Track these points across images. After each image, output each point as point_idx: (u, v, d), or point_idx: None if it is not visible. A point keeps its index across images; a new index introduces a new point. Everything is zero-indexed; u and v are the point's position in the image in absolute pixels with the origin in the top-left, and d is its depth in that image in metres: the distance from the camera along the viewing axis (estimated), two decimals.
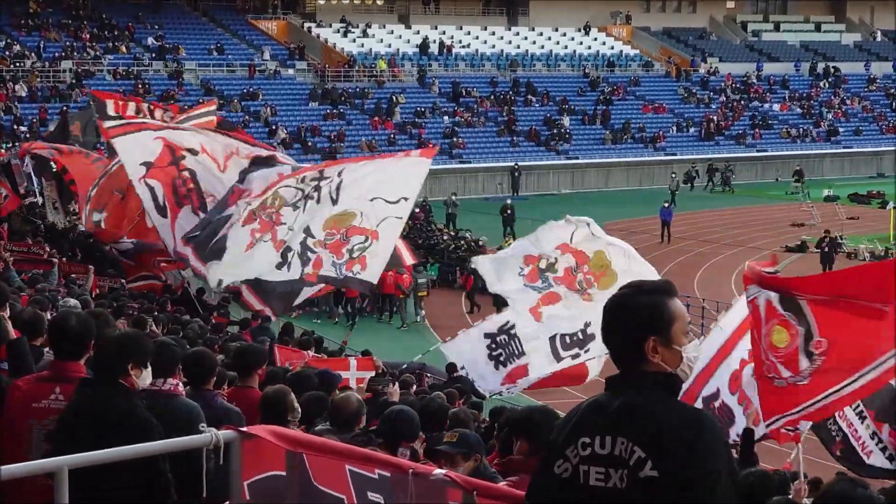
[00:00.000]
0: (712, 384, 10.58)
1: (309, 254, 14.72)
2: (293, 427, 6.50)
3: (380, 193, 14.88)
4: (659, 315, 3.55)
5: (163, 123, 18.50)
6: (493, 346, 15.28)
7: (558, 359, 14.88)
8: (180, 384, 6.58)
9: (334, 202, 14.93)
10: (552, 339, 14.80)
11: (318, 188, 14.93)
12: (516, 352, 15.25)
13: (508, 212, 41.24)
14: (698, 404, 10.17)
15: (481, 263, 16.11)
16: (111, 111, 20.59)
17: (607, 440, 3.44)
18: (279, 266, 14.75)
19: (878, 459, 10.42)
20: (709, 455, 3.39)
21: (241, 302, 17.00)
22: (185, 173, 16.40)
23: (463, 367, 15.53)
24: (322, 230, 14.77)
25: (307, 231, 14.76)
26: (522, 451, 5.94)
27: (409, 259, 17.06)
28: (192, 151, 16.59)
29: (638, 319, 3.54)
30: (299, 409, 6.94)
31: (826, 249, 34.44)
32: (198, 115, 20.51)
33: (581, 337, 14.63)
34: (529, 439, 5.84)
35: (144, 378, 5.68)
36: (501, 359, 15.28)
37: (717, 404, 10.63)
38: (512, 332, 15.30)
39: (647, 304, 3.56)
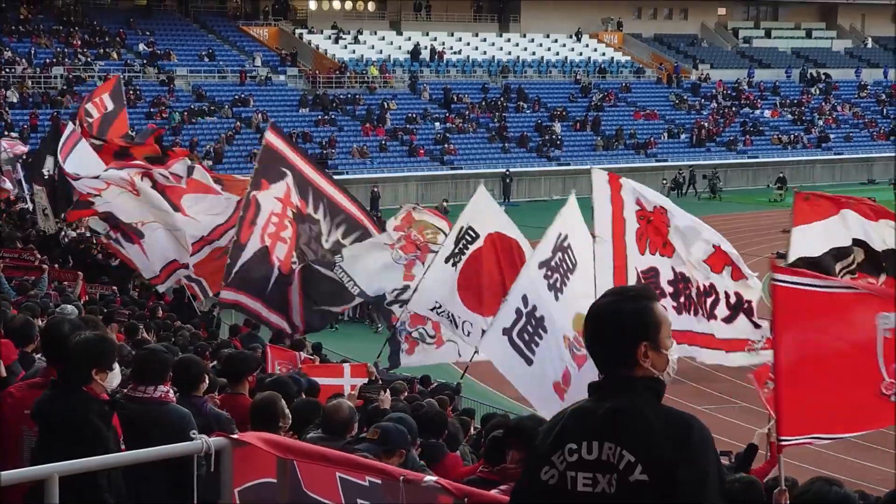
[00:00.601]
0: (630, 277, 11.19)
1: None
2: (284, 434, 6.51)
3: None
4: (648, 320, 3.58)
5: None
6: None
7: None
8: (171, 391, 6.58)
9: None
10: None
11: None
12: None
13: None
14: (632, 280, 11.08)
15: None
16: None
17: (594, 445, 3.45)
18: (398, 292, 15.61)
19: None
20: (698, 457, 3.40)
21: (234, 307, 16.99)
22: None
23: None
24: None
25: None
26: (515, 460, 5.93)
27: None
28: (94, 194, 17.18)
29: (629, 325, 3.57)
30: (290, 416, 6.94)
31: None
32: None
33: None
34: (522, 447, 5.81)
35: (112, 380, 5.67)
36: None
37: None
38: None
39: (636, 310, 3.59)
